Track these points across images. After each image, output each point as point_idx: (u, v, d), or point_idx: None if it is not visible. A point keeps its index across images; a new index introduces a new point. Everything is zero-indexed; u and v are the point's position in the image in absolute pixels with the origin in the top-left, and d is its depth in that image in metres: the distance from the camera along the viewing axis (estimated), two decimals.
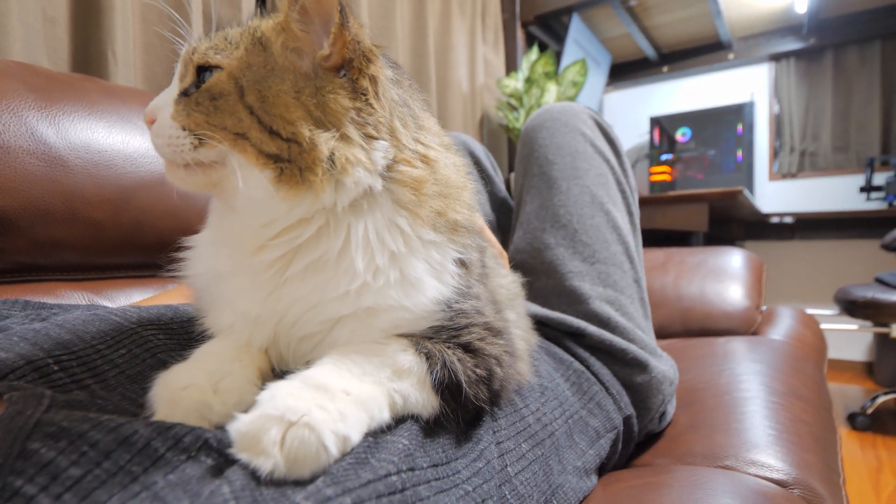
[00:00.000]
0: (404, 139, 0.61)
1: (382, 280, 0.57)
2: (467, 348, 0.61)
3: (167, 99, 0.59)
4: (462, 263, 0.64)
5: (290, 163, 0.55)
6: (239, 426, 0.43)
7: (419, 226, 0.60)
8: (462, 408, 0.60)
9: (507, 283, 0.88)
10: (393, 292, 0.58)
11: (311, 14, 0.57)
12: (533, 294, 1.20)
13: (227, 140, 0.55)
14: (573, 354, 1.08)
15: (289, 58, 0.57)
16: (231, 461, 0.42)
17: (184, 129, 0.56)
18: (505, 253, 1.20)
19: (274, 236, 0.58)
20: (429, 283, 0.60)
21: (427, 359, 0.57)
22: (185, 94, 0.58)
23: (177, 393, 0.50)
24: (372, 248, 0.57)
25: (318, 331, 0.59)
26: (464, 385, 0.58)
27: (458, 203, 0.65)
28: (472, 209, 0.69)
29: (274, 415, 0.43)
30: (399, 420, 0.54)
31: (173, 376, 0.52)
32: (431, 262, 0.60)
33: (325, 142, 0.55)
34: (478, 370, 0.60)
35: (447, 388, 0.58)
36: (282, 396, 0.45)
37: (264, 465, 0.41)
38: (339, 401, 0.47)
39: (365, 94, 0.58)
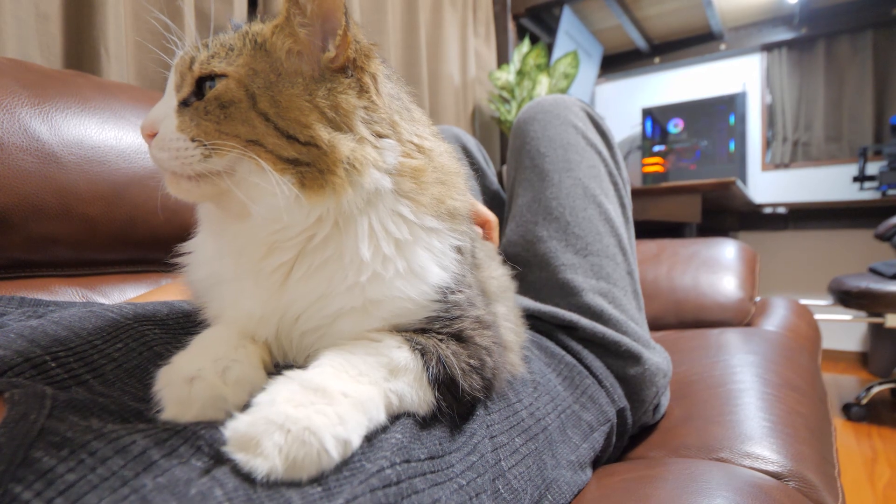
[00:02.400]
0: (403, 132, 0.62)
1: (391, 270, 0.58)
2: (459, 337, 0.62)
3: (166, 110, 0.58)
4: (459, 251, 0.65)
5: (310, 166, 0.55)
6: (238, 426, 0.43)
7: (422, 213, 0.61)
8: (457, 401, 0.61)
9: (499, 275, 0.88)
10: (399, 283, 0.59)
11: (314, 17, 0.57)
12: (525, 287, 1.20)
13: (241, 147, 0.55)
14: (566, 347, 1.07)
15: (293, 62, 0.57)
16: (221, 462, 0.42)
17: (192, 140, 0.55)
18: (495, 218, 1.20)
19: (287, 239, 0.58)
20: (432, 271, 0.61)
21: (422, 355, 0.57)
22: (184, 104, 0.57)
23: (185, 389, 0.49)
24: (377, 238, 0.58)
25: (322, 325, 0.59)
26: (458, 378, 0.59)
27: (454, 190, 0.66)
28: (467, 194, 0.70)
29: (275, 420, 0.42)
30: (394, 418, 0.54)
31: (176, 369, 0.51)
32: (434, 250, 0.62)
33: (345, 143, 0.56)
34: (471, 361, 0.61)
35: (442, 382, 0.58)
36: (282, 402, 0.45)
37: (261, 466, 0.41)
38: (338, 404, 0.47)
39: (368, 92, 0.59)
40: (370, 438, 0.50)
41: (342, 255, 0.57)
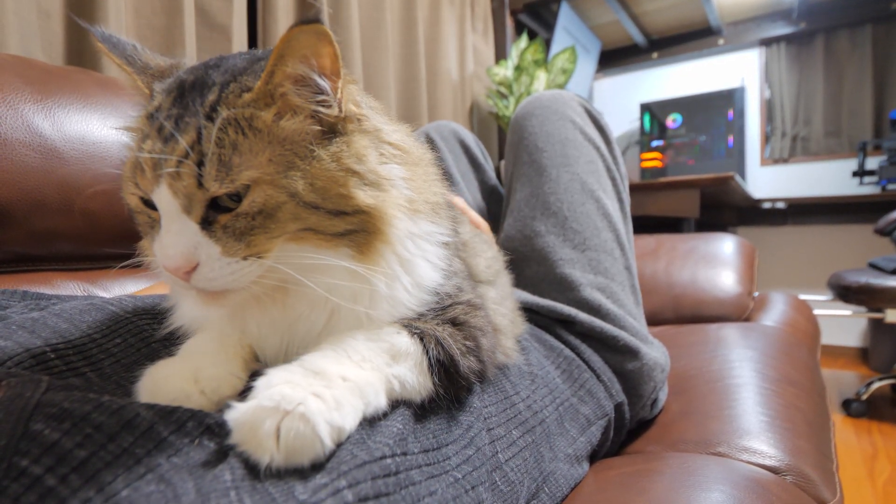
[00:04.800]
0: (383, 134, 0.61)
1: (399, 288, 0.59)
2: (454, 322, 0.63)
3: (190, 238, 0.51)
4: (445, 245, 0.65)
5: (359, 232, 0.55)
6: (236, 416, 0.43)
7: (420, 219, 0.61)
8: (454, 384, 0.61)
9: (489, 257, 0.88)
10: (405, 297, 0.60)
11: (299, 80, 0.53)
12: (524, 281, 1.19)
13: (288, 241, 0.53)
14: (564, 342, 1.07)
15: (306, 131, 0.54)
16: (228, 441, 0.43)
17: (245, 258, 0.52)
18: (487, 225, 1.20)
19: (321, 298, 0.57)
20: (429, 277, 0.62)
21: (421, 339, 0.58)
22: (207, 222, 0.52)
23: (159, 381, 0.50)
24: (388, 262, 0.58)
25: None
26: (457, 357, 0.59)
27: (435, 184, 0.67)
28: (442, 181, 0.70)
29: (268, 406, 0.43)
30: (393, 405, 0.55)
31: (160, 367, 0.52)
32: (428, 254, 0.62)
33: (383, 199, 0.55)
34: (467, 342, 0.62)
35: (441, 365, 0.59)
36: (278, 383, 0.45)
37: (262, 457, 0.41)
38: (336, 388, 0.47)
39: (360, 120, 0.58)
40: (371, 422, 0.51)
41: (353, 289, 0.57)
